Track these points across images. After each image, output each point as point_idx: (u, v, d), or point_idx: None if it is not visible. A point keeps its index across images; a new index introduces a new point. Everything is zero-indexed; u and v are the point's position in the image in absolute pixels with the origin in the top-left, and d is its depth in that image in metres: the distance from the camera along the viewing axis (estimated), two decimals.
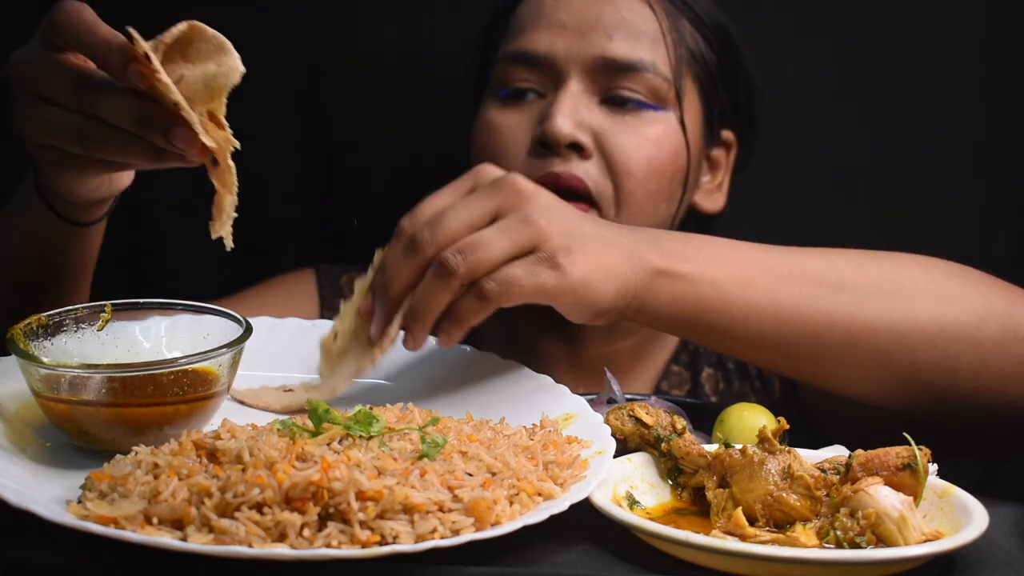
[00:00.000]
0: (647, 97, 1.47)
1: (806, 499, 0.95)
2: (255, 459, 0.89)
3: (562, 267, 1.07)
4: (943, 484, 0.98)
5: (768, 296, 1.16)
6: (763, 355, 1.21)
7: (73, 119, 1.03)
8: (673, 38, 1.49)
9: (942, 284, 1.21)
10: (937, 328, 1.18)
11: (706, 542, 0.87)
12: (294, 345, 1.24)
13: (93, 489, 0.90)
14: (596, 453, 1.02)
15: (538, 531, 0.89)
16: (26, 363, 1.01)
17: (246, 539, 0.83)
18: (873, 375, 1.19)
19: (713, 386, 1.56)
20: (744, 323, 1.16)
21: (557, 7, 1.49)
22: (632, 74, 1.46)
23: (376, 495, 0.86)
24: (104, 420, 1.00)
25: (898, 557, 0.88)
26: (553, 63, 1.47)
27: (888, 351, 1.18)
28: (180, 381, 1.02)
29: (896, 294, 1.19)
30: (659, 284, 1.14)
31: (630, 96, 1.46)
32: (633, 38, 1.47)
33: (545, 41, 1.47)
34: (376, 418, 0.99)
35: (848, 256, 1.22)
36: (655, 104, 1.47)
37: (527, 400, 1.15)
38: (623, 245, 1.13)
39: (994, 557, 0.94)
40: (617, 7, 1.48)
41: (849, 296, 1.18)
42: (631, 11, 1.48)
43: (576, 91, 1.45)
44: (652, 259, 1.14)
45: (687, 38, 1.51)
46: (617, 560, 0.90)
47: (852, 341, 1.17)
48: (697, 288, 1.15)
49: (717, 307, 1.16)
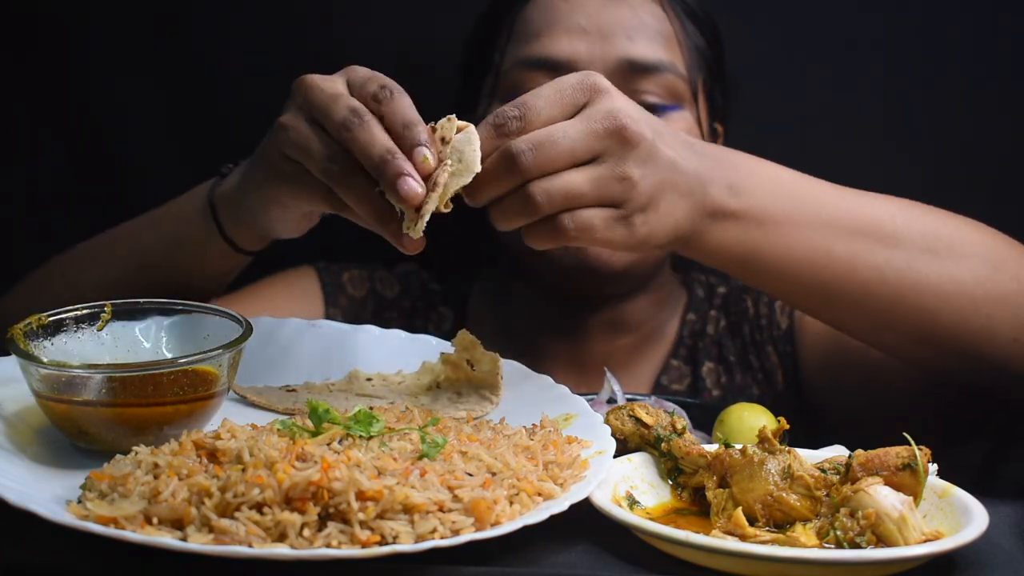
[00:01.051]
0: (667, 98, 1.46)
1: (806, 499, 0.95)
2: (255, 459, 0.89)
3: (634, 226, 1.08)
4: (943, 484, 0.98)
5: (825, 249, 1.16)
6: (807, 302, 1.22)
7: (330, 145, 1.06)
8: (686, 38, 1.50)
9: (991, 249, 1.21)
10: (983, 293, 1.18)
11: (706, 542, 0.87)
12: (295, 345, 1.24)
13: (93, 489, 0.90)
14: (596, 453, 1.02)
15: (538, 531, 0.89)
16: (26, 363, 1.01)
17: (246, 539, 0.83)
18: (914, 334, 1.19)
19: (715, 380, 1.56)
20: (796, 273, 1.16)
21: (572, 11, 1.48)
22: (654, 75, 1.45)
23: (376, 495, 0.86)
24: (104, 420, 1.00)
25: (898, 557, 0.88)
26: (575, 67, 1.44)
27: (933, 311, 1.18)
28: (180, 381, 1.02)
29: (946, 255, 1.18)
30: (713, 227, 1.14)
31: (653, 102, 1.45)
32: (652, 39, 1.47)
33: (565, 46, 1.46)
34: (376, 418, 0.99)
35: (903, 207, 1.21)
36: (675, 104, 1.47)
37: (527, 400, 1.15)
38: (695, 189, 1.11)
39: (994, 557, 0.94)
40: (634, 9, 1.48)
41: (902, 253, 1.17)
42: (647, 12, 1.49)
43: None
44: (715, 199, 1.13)
45: (692, 37, 1.51)
46: (617, 560, 0.90)
47: (900, 299, 1.17)
48: (751, 233, 1.14)
49: (770, 254, 1.15)
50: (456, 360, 1.18)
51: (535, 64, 1.47)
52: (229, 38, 1.77)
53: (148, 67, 1.77)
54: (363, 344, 1.26)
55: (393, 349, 1.25)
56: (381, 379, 1.21)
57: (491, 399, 1.16)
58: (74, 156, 1.77)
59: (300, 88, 1.10)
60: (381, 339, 1.27)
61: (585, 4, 1.48)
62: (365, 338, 1.26)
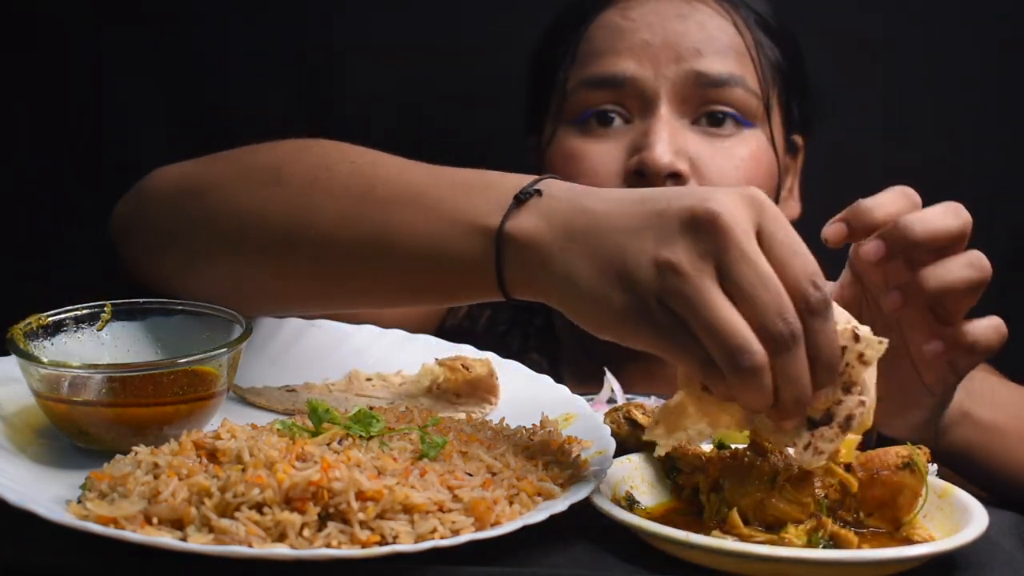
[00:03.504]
0: (739, 114, 1.44)
1: (794, 504, 0.95)
2: (255, 459, 0.89)
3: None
4: (943, 484, 0.98)
5: None
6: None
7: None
8: (758, 53, 1.47)
9: None
10: None
11: (706, 542, 0.87)
12: (295, 345, 1.24)
13: (93, 489, 0.90)
14: (596, 453, 1.02)
15: (538, 531, 0.89)
16: (26, 363, 1.01)
17: (246, 539, 0.83)
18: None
19: None
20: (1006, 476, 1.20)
21: (638, 28, 1.45)
22: (724, 90, 1.43)
23: (376, 495, 0.86)
24: (104, 420, 1.00)
25: (897, 557, 0.88)
26: (642, 86, 1.43)
27: None
28: (180, 381, 1.02)
29: None
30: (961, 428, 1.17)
31: (724, 110, 1.43)
32: (722, 53, 1.44)
33: (631, 63, 1.44)
34: (376, 418, 0.99)
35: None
36: (747, 121, 1.45)
37: (527, 400, 1.15)
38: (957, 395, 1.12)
39: (994, 557, 0.94)
40: (702, 24, 1.45)
41: None
42: (715, 27, 1.45)
43: (668, 116, 1.42)
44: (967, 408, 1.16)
45: (767, 50, 1.48)
46: (617, 560, 0.90)
47: None
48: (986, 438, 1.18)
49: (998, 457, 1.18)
50: (451, 363, 1.18)
51: (599, 83, 1.45)
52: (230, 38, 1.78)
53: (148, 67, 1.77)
54: (363, 344, 1.26)
55: (393, 349, 1.25)
56: (381, 379, 1.21)
57: (490, 400, 1.16)
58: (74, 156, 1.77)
59: (712, 229, 0.88)
60: (381, 339, 1.27)
61: (649, 21, 1.45)
62: (365, 338, 1.27)
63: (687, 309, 0.87)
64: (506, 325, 1.61)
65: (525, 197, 0.96)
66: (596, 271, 0.91)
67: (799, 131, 1.57)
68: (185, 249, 1.17)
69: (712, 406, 0.93)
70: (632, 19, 1.46)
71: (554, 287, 0.94)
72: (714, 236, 0.87)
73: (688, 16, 1.46)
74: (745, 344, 0.86)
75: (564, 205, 0.95)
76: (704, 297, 0.87)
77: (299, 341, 1.24)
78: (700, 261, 0.87)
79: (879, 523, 0.96)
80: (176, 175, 1.22)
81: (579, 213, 0.94)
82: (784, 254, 0.88)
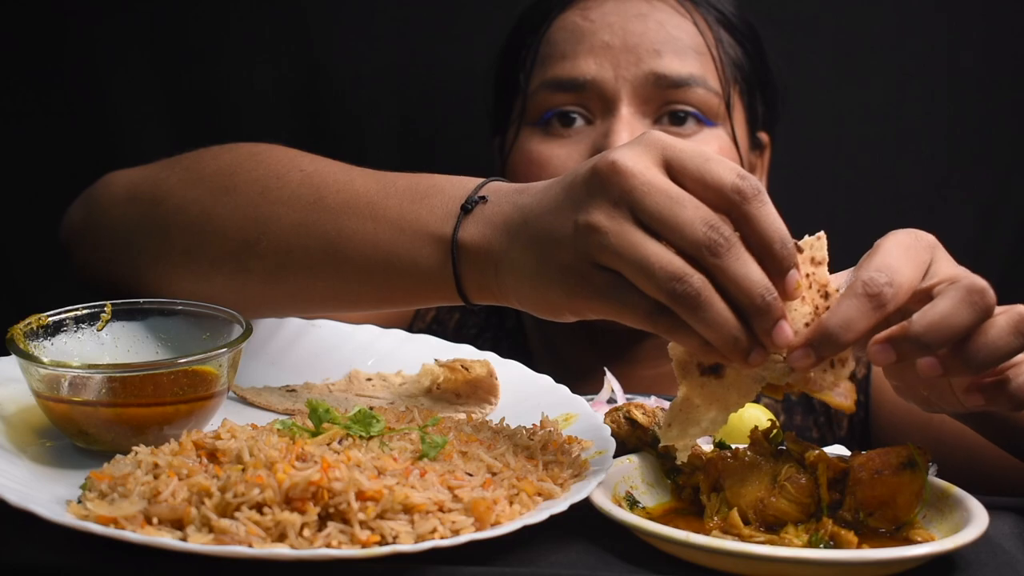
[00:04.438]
0: (700, 113, 1.43)
1: (794, 503, 0.95)
2: (255, 459, 0.89)
3: None
4: (943, 484, 0.98)
5: None
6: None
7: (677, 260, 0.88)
8: (719, 52, 1.46)
9: None
10: None
11: (706, 542, 0.87)
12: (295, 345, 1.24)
13: (93, 489, 0.90)
14: (596, 453, 1.02)
15: (538, 531, 0.89)
16: (26, 363, 1.01)
17: (246, 539, 0.83)
18: None
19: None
20: None
21: (598, 29, 1.45)
22: (684, 90, 1.42)
23: (376, 495, 0.86)
24: (104, 420, 1.00)
25: (898, 557, 0.88)
26: (602, 86, 1.43)
27: None
28: (180, 381, 1.02)
29: None
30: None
31: (686, 110, 1.42)
32: (681, 53, 1.44)
33: (591, 64, 1.43)
34: (376, 418, 0.99)
35: None
36: (708, 120, 1.44)
37: (527, 400, 1.15)
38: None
39: (994, 557, 0.94)
40: (661, 24, 1.45)
41: None
42: (675, 27, 1.45)
43: (629, 117, 1.42)
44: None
45: (727, 48, 1.48)
46: (617, 560, 0.90)
47: None
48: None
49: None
50: (451, 364, 1.18)
51: (559, 85, 1.45)
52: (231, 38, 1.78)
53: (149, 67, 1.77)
54: (363, 344, 1.26)
55: (393, 349, 1.25)
56: (381, 379, 1.21)
57: (490, 400, 1.16)
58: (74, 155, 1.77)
59: (614, 177, 0.89)
60: (381, 339, 1.27)
61: (609, 21, 1.45)
62: (365, 338, 1.26)
63: (616, 260, 0.89)
64: (476, 328, 1.60)
65: (471, 206, 1.00)
66: (535, 259, 0.94)
67: (764, 128, 1.56)
68: (138, 256, 1.18)
69: (717, 388, 0.93)
70: (592, 20, 1.46)
71: (508, 287, 0.97)
72: (617, 182, 0.89)
73: (648, 15, 1.45)
74: (677, 270, 0.87)
75: (505, 207, 0.98)
76: (626, 242, 0.88)
77: (299, 341, 1.24)
78: (613, 210, 0.89)
79: (879, 523, 0.96)
80: (128, 181, 1.23)
81: (515, 211, 0.97)
82: (698, 171, 0.89)
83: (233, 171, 1.13)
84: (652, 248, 0.88)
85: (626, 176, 0.89)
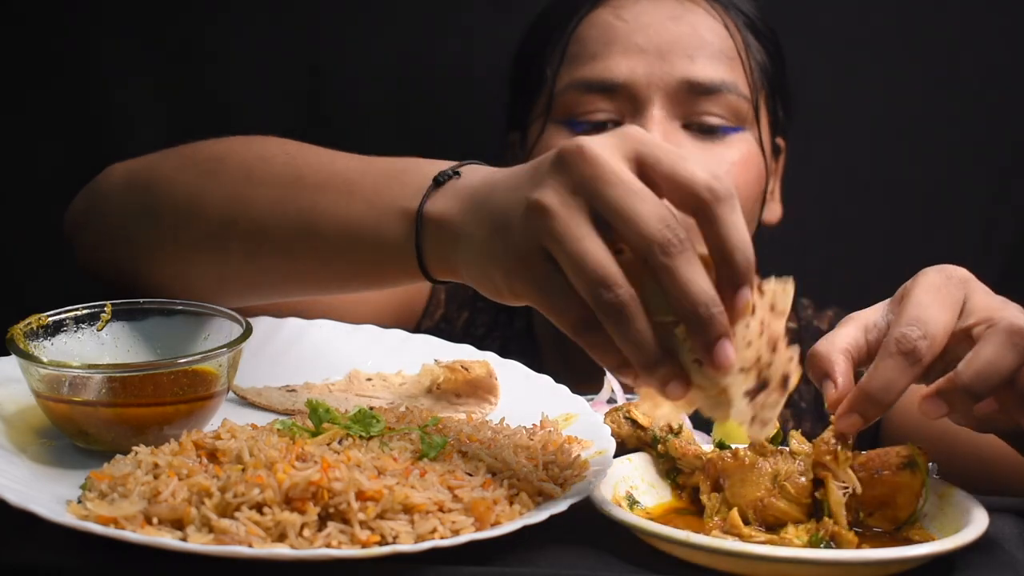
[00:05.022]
0: (729, 120, 1.43)
1: (794, 504, 0.95)
2: (255, 459, 0.89)
3: None
4: (943, 484, 0.98)
5: None
6: None
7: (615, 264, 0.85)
8: (748, 55, 1.46)
9: None
10: None
11: (706, 542, 0.87)
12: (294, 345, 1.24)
13: (93, 489, 0.90)
14: (596, 453, 1.02)
15: (538, 531, 0.89)
16: (26, 363, 1.01)
17: (246, 539, 0.83)
18: None
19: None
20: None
21: (632, 31, 1.44)
22: (715, 96, 1.42)
23: (376, 495, 0.86)
24: (104, 420, 1.00)
25: (898, 557, 0.88)
26: (634, 89, 1.42)
27: None
28: (180, 381, 1.02)
29: None
30: None
31: (715, 123, 1.42)
32: (714, 59, 1.43)
33: (624, 67, 1.42)
34: (376, 418, 0.99)
35: None
36: (736, 126, 1.44)
37: (527, 400, 1.15)
38: None
39: (994, 557, 0.94)
40: (695, 28, 1.44)
41: None
42: (708, 30, 1.44)
43: (660, 118, 1.41)
44: None
45: (755, 52, 1.47)
46: (617, 560, 0.90)
47: None
48: None
49: None
50: (451, 364, 1.18)
51: (591, 86, 1.44)
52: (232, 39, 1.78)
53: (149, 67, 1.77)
54: (363, 344, 1.26)
55: (393, 349, 1.25)
56: (381, 379, 1.21)
57: (490, 400, 1.16)
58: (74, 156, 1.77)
59: (579, 162, 0.86)
60: (381, 339, 1.27)
61: (643, 23, 1.44)
62: (365, 338, 1.26)
63: (555, 247, 0.85)
64: (484, 328, 1.59)
65: (443, 179, 0.98)
66: (486, 233, 0.91)
67: (781, 133, 1.56)
68: (133, 243, 1.19)
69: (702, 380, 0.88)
70: (625, 20, 1.45)
71: (460, 261, 0.95)
72: (580, 167, 0.85)
73: (681, 18, 1.45)
74: (610, 276, 0.83)
75: (474, 181, 0.96)
76: (570, 231, 0.84)
77: (299, 341, 1.24)
78: (569, 196, 0.85)
79: (879, 523, 0.96)
80: (126, 169, 1.24)
81: (483, 185, 0.95)
82: (672, 167, 0.86)
83: (223, 156, 1.14)
84: (592, 245, 0.84)
85: (590, 163, 0.85)
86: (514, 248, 0.89)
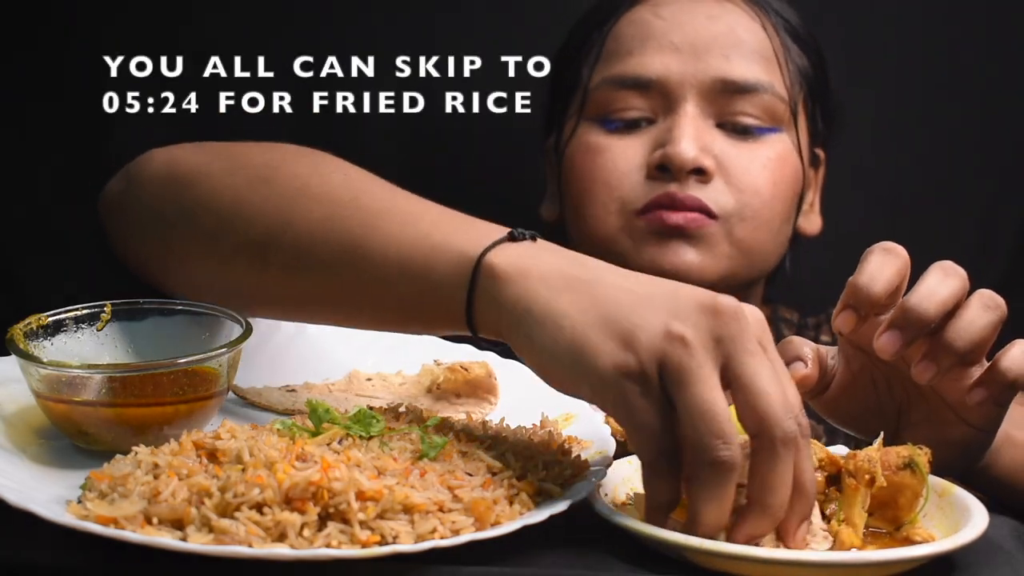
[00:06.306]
0: (765, 120, 1.43)
1: None
2: (255, 459, 0.89)
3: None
4: (943, 484, 0.98)
5: None
6: None
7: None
8: (787, 57, 1.45)
9: None
10: None
11: (706, 543, 0.87)
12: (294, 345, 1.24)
13: (93, 489, 0.90)
14: (596, 453, 1.02)
15: (538, 531, 0.89)
16: (26, 363, 1.01)
17: (246, 539, 0.83)
18: None
19: None
20: None
21: (668, 28, 1.44)
22: (750, 95, 1.42)
23: (376, 495, 0.86)
24: (104, 420, 1.00)
25: (898, 558, 0.88)
26: (668, 87, 1.42)
27: None
28: (180, 381, 1.02)
29: None
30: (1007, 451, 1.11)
31: (750, 123, 1.42)
32: (750, 58, 1.43)
33: (658, 64, 1.42)
34: (376, 418, 0.99)
35: None
36: (773, 127, 1.44)
37: (527, 400, 1.15)
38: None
39: (994, 557, 0.94)
40: (731, 27, 1.44)
41: None
42: (745, 30, 1.44)
43: (694, 115, 1.41)
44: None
45: (795, 56, 1.47)
46: (617, 560, 0.90)
47: None
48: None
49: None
50: (451, 364, 1.18)
51: (624, 83, 1.44)
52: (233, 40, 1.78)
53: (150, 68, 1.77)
54: (363, 344, 1.26)
55: (393, 349, 1.25)
56: (381, 379, 1.21)
57: (490, 400, 1.16)
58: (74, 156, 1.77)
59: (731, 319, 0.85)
60: (381, 339, 1.27)
61: (680, 21, 1.44)
62: (365, 338, 1.26)
63: (682, 381, 0.83)
64: None
65: (521, 237, 0.94)
66: (592, 321, 0.87)
67: (821, 144, 1.56)
68: (165, 239, 1.16)
69: None
70: (663, 17, 1.45)
71: (525, 326, 0.90)
72: (731, 324, 0.84)
73: (718, 17, 1.44)
74: (729, 434, 0.83)
75: (558, 256, 0.93)
76: (703, 375, 0.83)
77: (299, 341, 1.24)
78: (711, 343, 0.84)
79: (879, 523, 0.96)
80: (170, 159, 1.20)
81: (577, 265, 0.91)
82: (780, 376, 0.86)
83: (278, 164, 1.11)
84: (721, 398, 0.83)
85: (741, 324, 0.85)
86: (633, 359, 0.85)
